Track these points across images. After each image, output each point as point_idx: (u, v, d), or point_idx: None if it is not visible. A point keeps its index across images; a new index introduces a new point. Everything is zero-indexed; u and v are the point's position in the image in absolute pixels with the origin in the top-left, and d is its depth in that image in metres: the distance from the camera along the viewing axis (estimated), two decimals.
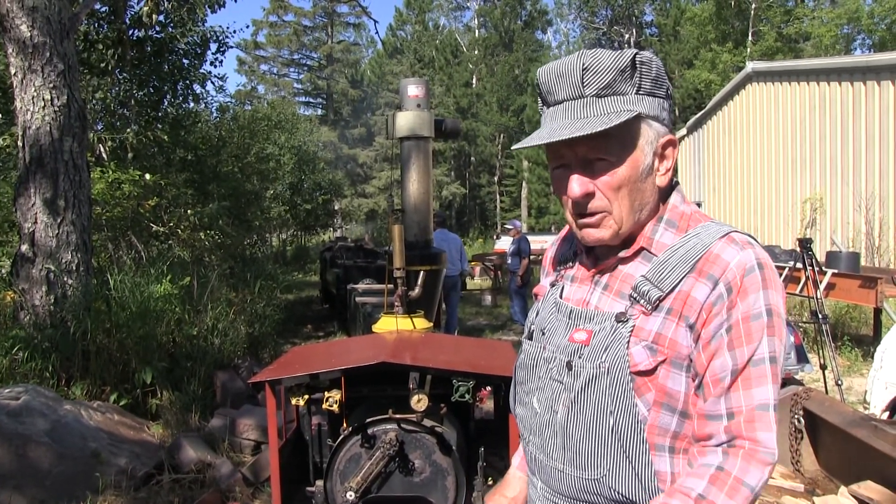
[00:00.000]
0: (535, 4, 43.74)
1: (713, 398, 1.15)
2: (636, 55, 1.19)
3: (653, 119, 1.21)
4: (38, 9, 5.87)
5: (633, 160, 1.20)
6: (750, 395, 1.13)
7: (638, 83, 1.20)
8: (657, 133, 1.22)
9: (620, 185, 1.20)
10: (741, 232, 1.21)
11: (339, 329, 10.43)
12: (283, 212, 21.42)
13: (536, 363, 1.36)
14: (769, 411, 1.14)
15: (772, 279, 1.16)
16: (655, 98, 1.22)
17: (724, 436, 1.14)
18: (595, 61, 1.18)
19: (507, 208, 41.73)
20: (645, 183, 1.23)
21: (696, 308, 1.16)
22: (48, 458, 4.10)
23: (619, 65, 1.18)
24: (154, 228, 9.49)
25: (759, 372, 1.14)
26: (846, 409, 4.20)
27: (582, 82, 1.19)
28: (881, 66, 12.42)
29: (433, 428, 2.84)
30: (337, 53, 42.54)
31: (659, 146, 1.23)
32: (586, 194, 1.21)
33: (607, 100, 1.19)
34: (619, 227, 1.23)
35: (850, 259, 8.09)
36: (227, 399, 5.87)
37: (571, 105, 1.21)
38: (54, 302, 5.89)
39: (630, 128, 1.19)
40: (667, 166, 1.25)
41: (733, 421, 1.13)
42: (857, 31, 30.56)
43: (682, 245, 1.21)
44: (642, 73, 1.20)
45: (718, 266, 1.15)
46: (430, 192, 5.39)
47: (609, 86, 1.18)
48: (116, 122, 11.61)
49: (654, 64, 1.21)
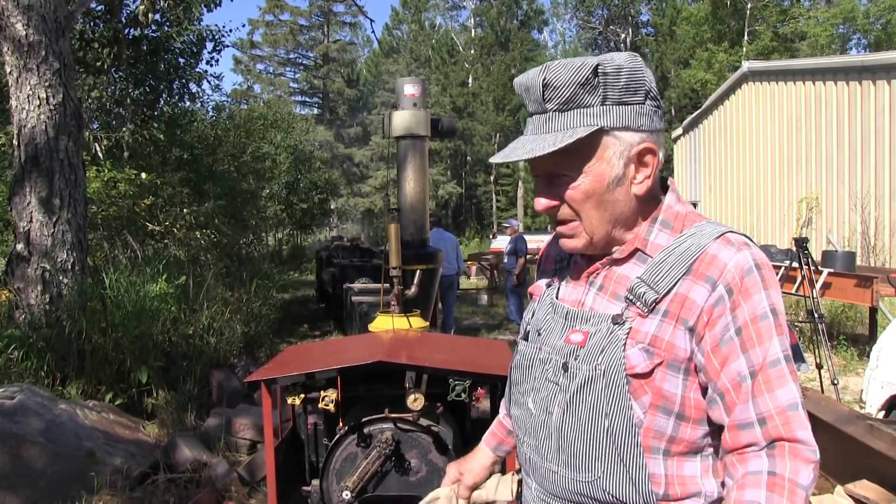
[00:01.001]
0: (531, 4, 43.75)
1: (740, 406, 1.13)
2: (598, 66, 1.15)
3: (622, 129, 1.18)
4: (34, 7, 5.84)
5: (598, 174, 1.19)
6: (775, 396, 1.13)
7: (603, 94, 1.17)
8: (629, 143, 1.19)
9: (584, 198, 1.20)
10: (737, 232, 1.20)
11: (336, 328, 10.42)
12: (279, 211, 21.40)
13: (532, 364, 1.35)
14: (799, 410, 1.13)
15: (770, 279, 1.16)
16: (627, 106, 1.18)
17: (764, 441, 1.12)
18: (554, 76, 1.16)
19: (503, 208, 41.75)
20: (614, 194, 1.21)
21: (695, 311, 1.15)
22: (43, 457, 4.09)
23: (578, 78, 1.15)
24: (150, 227, 9.48)
25: (778, 373, 1.13)
26: (842, 409, 4.20)
27: (543, 97, 1.19)
28: (877, 66, 12.46)
29: (429, 427, 2.84)
30: (333, 53, 42.51)
31: (634, 155, 1.20)
32: (549, 208, 1.24)
33: (569, 114, 1.18)
34: (592, 238, 1.24)
35: (846, 258, 8.10)
36: (223, 398, 5.86)
37: (538, 119, 1.22)
38: (49, 301, 5.87)
39: (591, 142, 1.18)
40: (646, 173, 1.22)
41: (768, 425, 1.12)
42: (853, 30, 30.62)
43: (677, 246, 1.20)
44: (607, 83, 1.16)
45: (716, 267, 1.15)
46: (426, 191, 5.38)
47: (570, 100, 1.17)
48: (112, 121, 11.60)
49: (625, 71, 1.16)
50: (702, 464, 1.21)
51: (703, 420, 1.20)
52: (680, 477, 1.20)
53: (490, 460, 1.64)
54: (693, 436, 1.20)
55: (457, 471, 1.64)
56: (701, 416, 1.20)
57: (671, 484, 1.19)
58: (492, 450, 1.64)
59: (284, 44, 42.52)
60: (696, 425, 1.20)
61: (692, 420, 1.19)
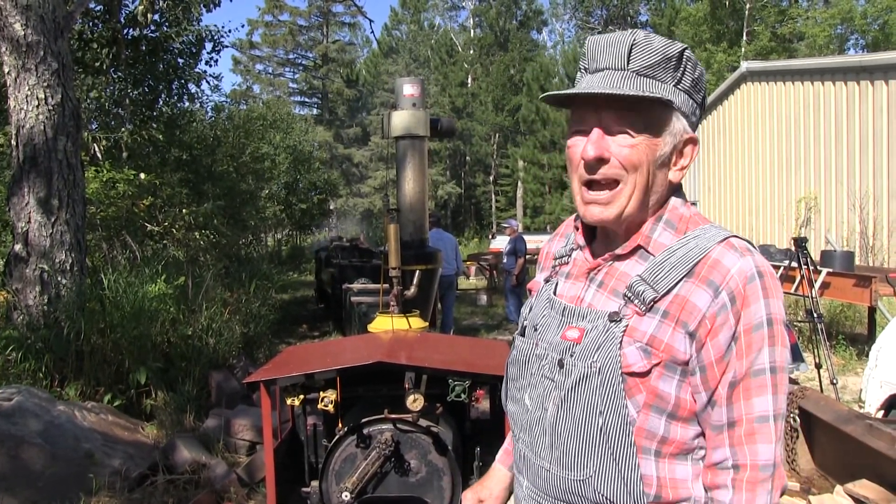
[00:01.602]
0: (530, 4, 43.75)
1: (718, 409, 1.16)
2: (685, 50, 1.20)
3: (683, 114, 1.22)
4: (32, 7, 5.84)
5: (654, 144, 1.19)
6: (750, 405, 1.14)
7: (679, 77, 1.21)
8: (682, 129, 1.22)
9: (638, 162, 1.19)
10: (740, 237, 1.20)
11: (335, 329, 10.41)
12: (278, 211, 21.38)
13: (528, 359, 1.34)
14: (769, 423, 1.14)
15: (772, 287, 1.15)
16: (691, 98, 1.23)
17: (731, 458, 1.15)
18: (646, 40, 1.19)
19: (502, 208, 41.74)
20: (659, 171, 1.22)
21: (696, 316, 1.14)
22: (41, 459, 4.08)
23: (668, 52, 1.19)
24: (149, 228, 9.47)
25: (758, 382, 1.14)
26: (841, 408, 4.20)
27: (628, 55, 1.19)
28: (875, 66, 12.47)
29: (429, 428, 2.84)
30: (332, 53, 42.47)
31: (681, 142, 1.23)
32: (600, 158, 1.19)
33: (646, 80, 1.19)
34: (625, 208, 1.21)
35: (845, 258, 8.10)
36: (222, 399, 5.86)
37: (611, 74, 1.20)
38: (48, 302, 5.86)
39: (660, 112, 1.19)
40: (683, 164, 1.25)
41: (733, 431, 1.14)
42: (851, 31, 30.65)
43: (680, 247, 1.20)
44: (686, 69, 1.21)
45: (719, 272, 1.14)
46: (425, 191, 5.38)
47: (652, 67, 1.19)
48: (111, 122, 11.60)
49: (699, 68, 1.23)
50: (693, 468, 1.21)
51: (694, 420, 1.20)
52: (672, 480, 1.19)
53: (508, 479, 1.57)
54: (684, 436, 1.19)
55: (474, 497, 1.57)
56: (691, 416, 1.19)
57: (663, 486, 1.19)
58: (508, 468, 1.58)
59: (283, 44, 42.48)
60: (686, 425, 1.19)
61: (683, 420, 1.19)
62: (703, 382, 1.16)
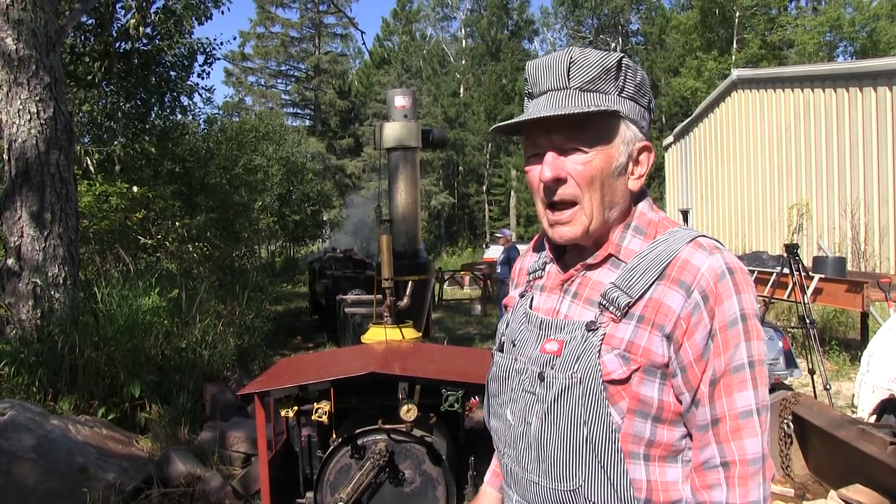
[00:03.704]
0: (521, 14, 44.01)
1: (701, 408, 1.16)
2: (622, 59, 1.22)
3: (632, 122, 1.24)
4: (24, 21, 5.85)
5: (608, 155, 1.21)
6: (732, 400, 1.14)
7: (621, 86, 1.22)
8: (634, 137, 1.24)
9: (593, 176, 1.21)
10: (708, 237, 1.22)
11: (329, 340, 10.40)
12: (271, 223, 21.36)
13: (508, 375, 1.35)
14: (753, 417, 1.14)
15: (743, 283, 1.16)
16: (637, 104, 1.25)
17: (718, 455, 1.15)
18: (582, 56, 1.21)
19: (496, 217, 41.80)
20: (617, 181, 1.24)
21: (671, 317, 1.16)
22: (34, 474, 4.06)
23: (605, 64, 1.20)
24: (142, 241, 9.44)
25: (739, 378, 1.14)
26: (835, 413, 4.22)
27: (568, 74, 1.21)
28: (864, 73, 12.58)
29: (423, 438, 2.84)
30: (324, 64, 42.52)
31: (635, 150, 1.25)
32: (557, 179, 1.22)
33: (590, 94, 1.21)
34: (590, 223, 1.23)
35: (837, 264, 8.15)
36: (217, 411, 5.84)
37: (554, 95, 1.23)
38: (41, 316, 5.84)
39: (608, 124, 1.21)
40: (640, 172, 1.27)
41: (718, 428, 1.15)
42: (840, 38, 30.96)
43: (650, 251, 1.22)
44: (626, 76, 1.22)
45: (689, 272, 1.16)
46: (417, 201, 5.40)
47: (593, 81, 1.21)
48: (103, 135, 11.58)
49: (640, 73, 1.24)
50: (683, 469, 1.21)
51: (680, 422, 1.20)
52: (663, 483, 1.20)
53: (498, 501, 1.58)
54: (671, 438, 1.20)
55: None
56: (677, 418, 1.20)
57: (654, 490, 1.19)
58: (497, 490, 1.59)
59: (276, 56, 42.52)
60: (672, 426, 1.20)
61: (668, 422, 1.20)
62: (685, 383, 1.17)
